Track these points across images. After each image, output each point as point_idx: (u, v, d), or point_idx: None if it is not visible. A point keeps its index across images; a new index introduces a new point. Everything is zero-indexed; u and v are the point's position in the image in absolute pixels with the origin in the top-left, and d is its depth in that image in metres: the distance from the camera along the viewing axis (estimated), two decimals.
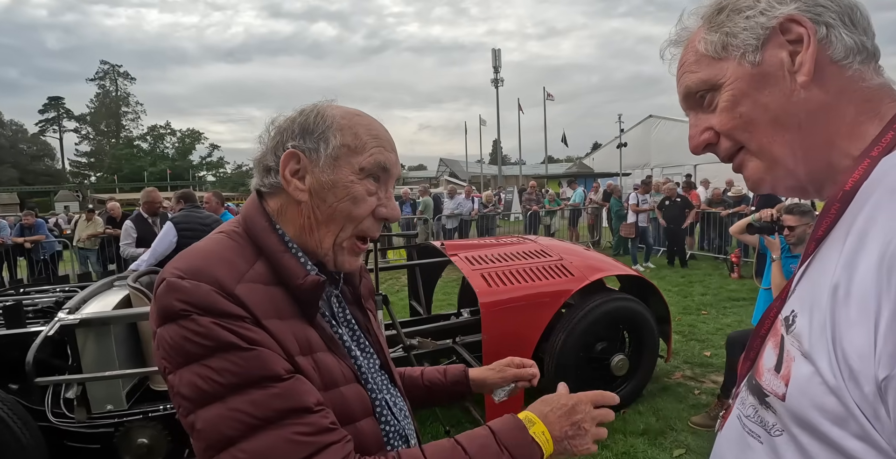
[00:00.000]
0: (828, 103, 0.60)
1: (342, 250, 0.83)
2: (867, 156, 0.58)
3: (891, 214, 0.51)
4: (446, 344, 3.57)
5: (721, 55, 0.64)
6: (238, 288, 0.71)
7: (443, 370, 1.13)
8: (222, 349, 0.67)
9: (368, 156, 0.80)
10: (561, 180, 22.95)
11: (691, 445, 3.09)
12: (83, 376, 2.46)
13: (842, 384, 0.50)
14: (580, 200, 13.34)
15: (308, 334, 0.77)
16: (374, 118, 0.85)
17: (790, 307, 0.60)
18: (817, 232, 0.61)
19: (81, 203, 16.76)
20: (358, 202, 0.80)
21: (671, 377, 4.12)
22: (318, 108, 0.82)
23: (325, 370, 0.76)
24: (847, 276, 0.52)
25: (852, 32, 0.60)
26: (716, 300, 6.70)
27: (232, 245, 0.78)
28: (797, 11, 0.60)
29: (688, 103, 0.70)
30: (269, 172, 0.82)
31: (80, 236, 9.08)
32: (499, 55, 31.41)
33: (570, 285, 3.34)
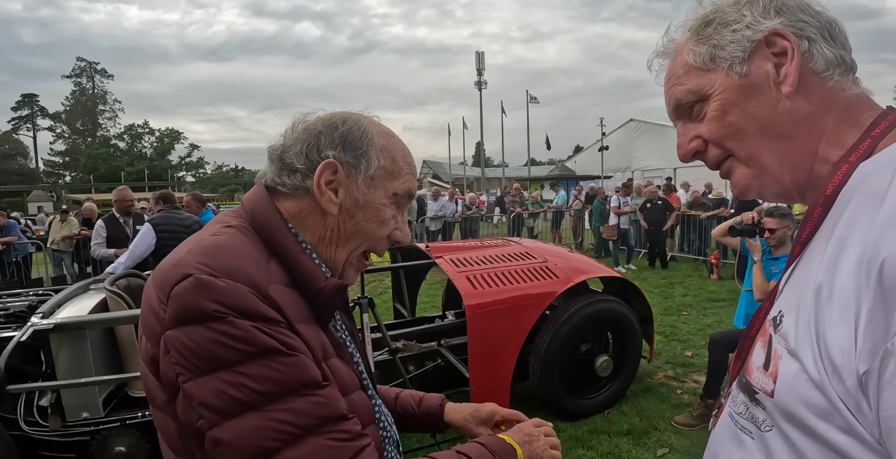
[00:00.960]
0: (811, 113, 0.63)
1: (351, 265, 0.83)
2: (846, 161, 0.61)
3: (869, 218, 0.53)
4: (431, 347, 3.56)
5: (709, 66, 0.66)
6: (270, 289, 0.68)
7: (418, 399, 1.08)
8: (263, 355, 0.63)
9: (402, 183, 0.81)
10: (543, 183, 23.11)
11: (675, 444, 3.12)
12: (57, 383, 2.38)
13: (826, 379, 0.52)
14: (563, 202, 13.45)
15: (322, 339, 0.75)
16: (404, 143, 0.86)
17: (778, 308, 0.63)
18: (802, 235, 0.64)
19: (56, 203, 16.35)
20: (383, 224, 0.81)
21: (654, 378, 4.17)
22: (359, 121, 0.80)
23: (338, 377, 0.74)
24: (829, 278, 0.54)
25: (832, 46, 0.64)
26: (696, 301, 6.80)
27: (248, 241, 0.73)
28: (781, 26, 0.63)
29: (677, 114, 0.73)
30: (295, 173, 0.78)
31: (55, 238, 8.86)
32: (482, 58, 31.54)
33: (554, 287, 3.36)
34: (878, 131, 0.61)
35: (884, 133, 0.61)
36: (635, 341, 3.65)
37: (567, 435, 3.25)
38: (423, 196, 13.30)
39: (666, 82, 0.73)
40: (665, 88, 0.74)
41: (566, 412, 3.44)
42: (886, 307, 0.47)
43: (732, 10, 0.66)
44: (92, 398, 2.47)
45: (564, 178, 23.63)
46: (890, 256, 0.48)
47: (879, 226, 0.51)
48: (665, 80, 0.74)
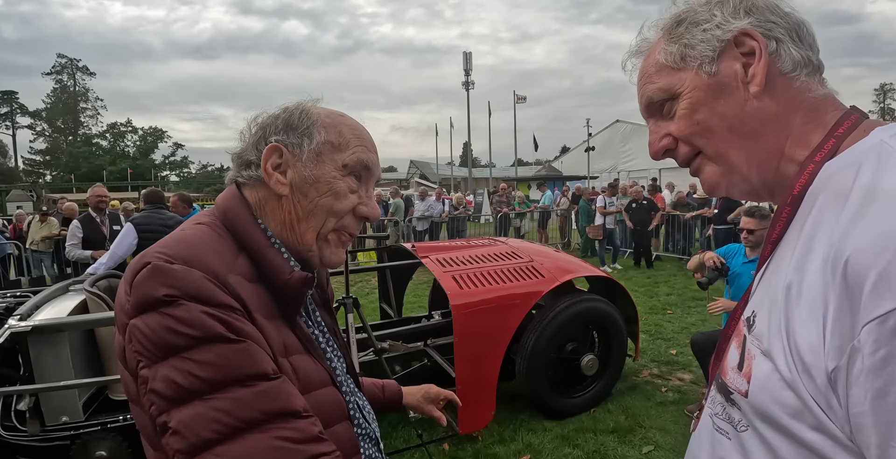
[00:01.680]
0: (777, 113, 0.64)
1: (327, 243, 0.82)
2: (812, 161, 0.62)
3: (834, 217, 0.54)
4: (417, 347, 3.55)
5: (680, 66, 0.67)
6: (230, 278, 0.69)
7: (380, 386, 1.17)
8: (208, 340, 0.62)
9: (351, 153, 0.80)
10: (530, 183, 23.20)
11: (660, 442, 3.14)
12: (36, 386, 2.33)
13: (797, 378, 0.53)
14: (549, 202, 13.51)
15: (285, 335, 0.75)
16: (355, 120, 0.86)
17: (751, 308, 0.64)
18: (772, 235, 0.65)
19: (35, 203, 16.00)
20: (340, 198, 0.79)
21: (639, 376, 4.20)
22: (302, 106, 0.82)
23: (302, 374, 0.74)
24: (798, 277, 0.55)
25: (799, 47, 0.65)
26: (680, 300, 6.87)
27: (216, 236, 0.75)
28: (750, 26, 0.64)
29: (648, 112, 0.74)
30: (250, 166, 0.81)
31: (34, 239, 8.68)
32: (470, 58, 31.57)
33: (540, 287, 3.37)
34: (842, 131, 0.62)
35: (847, 133, 0.62)
36: (620, 339, 3.68)
37: (553, 434, 3.26)
38: (411, 196, 13.28)
39: (638, 81, 0.74)
40: (637, 87, 0.75)
41: (552, 410, 3.46)
42: (851, 304, 0.48)
43: (703, 9, 0.67)
44: (72, 402, 2.42)
45: (551, 178, 23.75)
46: (853, 254, 0.49)
47: (843, 225, 0.52)
48: (638, 78, 0.75)
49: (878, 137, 0.58)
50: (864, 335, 0.47)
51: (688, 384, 4.03)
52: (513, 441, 3.18)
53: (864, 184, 0.53)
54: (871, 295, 0.46)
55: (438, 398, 1.21)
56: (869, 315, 0.46)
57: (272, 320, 0.73)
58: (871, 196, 0.52)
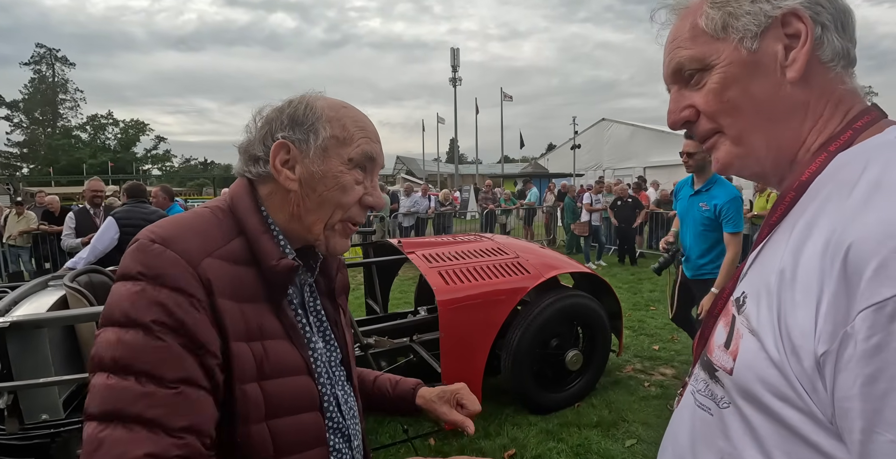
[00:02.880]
0: (808, 101, 0.62)
1: (334, 233, 0.84)
2: (825, 150, 0.61)
3: (838, 206, 0.54)
4: (403, 343, 3.55)
5: (720, 35, 0.63)
6: (205, 261, 0.72)
7: (394, 382, 1.10)
8: (138, 325, 0.67)
9: (356, 147, 0.82)
10: (517, 180, 23.28)
11: (643, 435, 3.19)
12: (14, 383, 2.29)
13: (784, 358, 0.53)
14: (535, 199, 13.57)
15: (264, 319, 0.77)
16: (359, 110, 0.87)
17: (741, 289, 0.64)
18: (771, 218, 0.65)
19: (12, 197, 15.65)
20: (346, 191, 0.82)
21: (622, 371, 4.26)
22: (306, 99, 0.83)
23: (274, 358, 0.76)
24: (793, 261, 0.55)
25: (842, 37, 0.62)
26: (663, 297, 6.95)
27: (212, 220, 0.79)
28: (801, 6, 0.61)
29: (674, 78, 0.70)
30: (258, 161, 0.83)
31: (11, 233, 8.49)
32: (457, 54, 31.50)
33: (526, 283, 3.39)
34: (861, 124, 0.62)
35: (865, 126, 0.62)
36: (605, 335, 3.72)
37: (538, 428, 3.29)
38: (397, 192, 13.24)
39: (669, 43, 0.69)
40: (666, 49, 0.70)
41: (537, 405, 3.49)
42: (849, 290, 0.48)
43: None
44: (51, 399, 2.38)
45: (537, 175, 23.84)
46: (856, 241, 0.49)
47: (848, 213, 0.52)
48: (668, 39, 0.70)
49: (893, 134, 0.59)
50: (858, 321, 0.47)
51: (670, 379, 4.09)
52: (498, 435, 3.21)
53: (872, 176, 0.54)
54: (870, 282, 0.47)
55: (455, 399, 1.03)
56: (866, 302, 0.47)
57: (253, 303, 0.76)
58: (877, 188, 0.52)
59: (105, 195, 5.51)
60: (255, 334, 0.75)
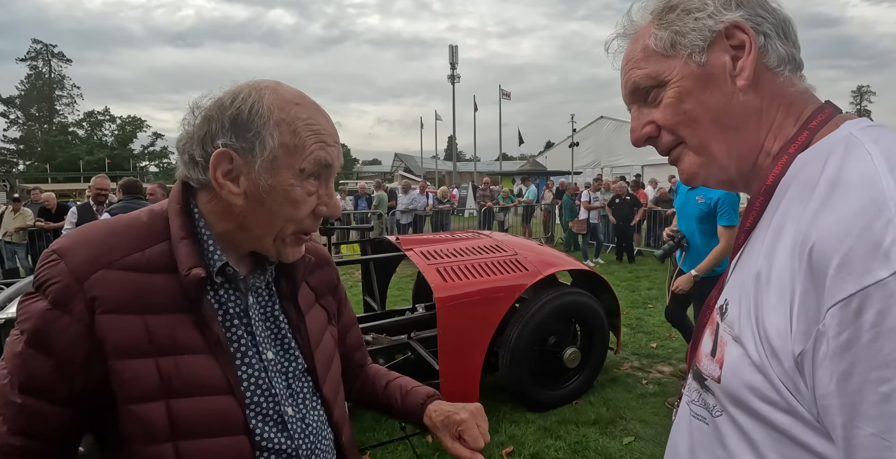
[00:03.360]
0: (760, 107, 0.65)
1: (285, 244, 0.78)
2: (785, 153, 0.64)
3: (801, 206, 0.56)
4: (401, 340, 3.54)
5: (669, 53, 0.67)
6: (99, 273, 0.68)
7: (404, 393, 1.01)
8: (19, 331, 0.69)
9: (309, 155, 0.73)
10: (515, 177, 23.28)
11: (640, 433, 3.19)
12: None
13: (766, 362, 0.55)
14: (534, 197, 13.57)
15: (179, 332, 0.71)
16: (315, 105, 0.78)
17: (724, 296, 0.65)
18: (745, 224, 0.67)
19: (9, 193, 15.58)
20: (298, 205, 0.75)
21: (620, 369, 4.25)
22: (252, 96, 0.73)
23: (186, 375, 0.70)
24: (767, 264, 0.57)
25: (785, 44, 0.66)
26: (661, 295, 6.95)
27: (138, 225, 0.75)
28: (741, 19, 0.64)
29: (632, 98, 0.73)
30: (197, 165, 0.74)
31: (8, 229, 8.45)
32: (456, 52, 31.45)
33: (524, 280, 3.38)
34: (815, 124, 0.64)
35: (820, 125, 0.64)
36: (602, 333, 3.72)
37: (536, 426, 3.29)
38: (395, 189, 13.22)
39: (624, 65, 0.73)
40: (622, 71, 0.73)
41: (535, 402, 3.48)
42: (817, 289, 0.49)
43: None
44: None
45: (535, 173, 23.84)
46: (819, 241, 0.50)
47: (810, 213, 0.54)
48: (623, 62, 0.73)
49: (847, 130, 0.60)
50: (828, 318, 0.48)
51: (668, 377, 4.09)
52: (496, 433, 3.20)
53: (830, 174, 0.55)
54: (834, 279, 0.48)
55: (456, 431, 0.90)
56: (833, 299, 0.48)
57: (166, 314, 0.71)
58: (835, 186, 0.53)
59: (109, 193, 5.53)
60: (165, 348, 0.70)
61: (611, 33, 0.76)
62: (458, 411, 0.93)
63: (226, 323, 0.77)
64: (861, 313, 0.46)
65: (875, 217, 0.48)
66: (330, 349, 0.92)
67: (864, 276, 0.46)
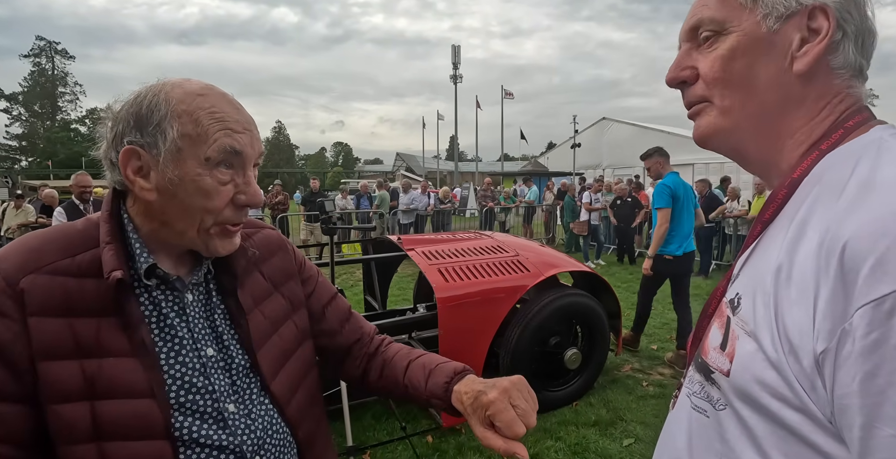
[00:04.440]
0: (804, 98, 0.63)
1: (210, 237, 0.77)
2: (817, 149, 0.62)
3: (830, 205, 0.55)
4: (402, 339, 3.55)
5: (748, 5, 0.64)
6: (27, 279, 0.70)
7: (427, 374, 0.90)
8: None
9: (213, 143, 0.72)
10: (516, 178, 23.27)
11: (640, 435, 3.19)
12: None
13: (783, 358, 0.54)
14: (535, 197, 13.56)
15: (105, 335, 0.72)
16: (222, 94, 0.77)
17: (735, 290, 0.64)
18: (764, 215, 0.65)
19: (11, 190, 15.59)
20: (210, 195, 0.74)
21: (621, 370, 4.26)
22: (153, 91, 0.73)
23: (108, 378, 0.70)
24: (789, 260, 0.56)
25: (858, 52, 0.63)
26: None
27: (73, 233, 0.77)
28: (833, 5, 0.61)
29: (689, 35, 0.69)
30: (115, 168, 0.75)
31: (9, 226, 8.46)
32: (458, 52, 31.44)
33: (525, 281, 3.38)
34: (851, 124, 0.63)
35: (856, 126, 0.62)
36: (603, 334, 3.72)
37: (536, 427, 3.26)
38: (396, 189, 13.22)
39: None
40: (694, 5, 0.70)
41: None
42: (846, 288, 0.49)
43: None
44: None
45: (537, 174, 23.83)
46: (852, 239, 0.49)
47: (840, 212, 0.53)
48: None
49: (878, 134, 0.60)
50: (857, 317, 0.47)
51: (668, 379, 4.09)
52: None
53: (861, 175, 0.55)
54: (868, 279, 0.47)
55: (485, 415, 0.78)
56: (864, 299, 0.47)
57: (92, 317, 0.72)
58: (868, 186, 0.53)
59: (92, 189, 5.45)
60: (91, 350, 0.71)
61: None
62: (488, 389, 0.78)
63: (160, 323, 0.77)
64: (893, 314, 0.45)
65: None
66: (291, 341, 0.90)
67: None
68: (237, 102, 0.78)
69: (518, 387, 0.79)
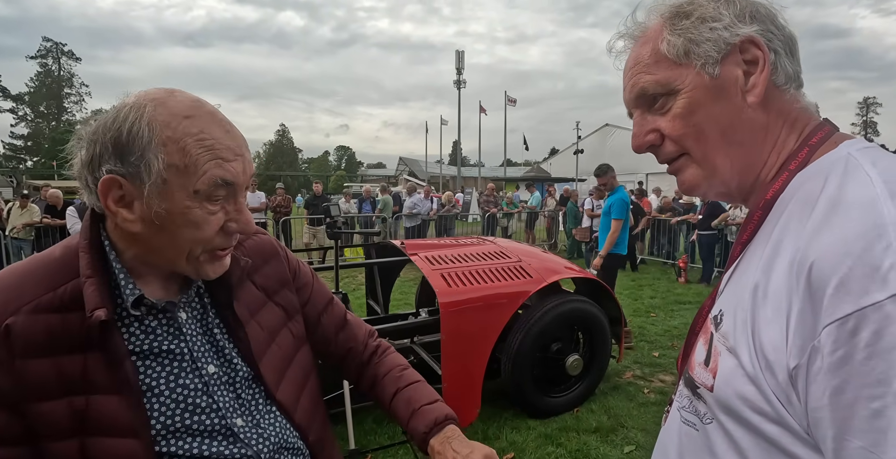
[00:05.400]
0: (767, 124, 0.65)
1: (200, 263, 0.75)
2: (786, 169, 0.64)
3: (801, 224, 0.57)
4: (404, 344, 3.56)
5: (682, 61, 0.65)
6: (12, 319, 0.67)
7: (410, 412, 0.95)
8: None
9: (202, 175, 0.68)
10: (519, 183, 23.29)
11: (641, 442, 3.19)
12: None
13: (760, 373, 0.56)
14: (537, 203, 13.57)
15: (89, 370, 0.69)
16: (211, 114, 0.71)
17: (718, 307, 0.66)
18: (742, 236, 0.67)
19: (16, 189, 15.69)
20: (200, 226, 0.70)
21: (622, 377, 4.25)
22: (132, 113, 0.67)
23: (95, 415, 0.69)
24: (765, 279, 0.58)
25: (791, 62, 0.66)
26: (664, 303, 6.96)
27: (50, 263, 0.73)
28: (756, 34, 0.63)
29: (637, 103, 0.71)
30: (92, 192, 0.70)
31: (15, 225, 8.51)
32: (462, 57, 31.54)
33: (528, 287, 3.39)
34: (815, 141, 0.65)
35: (820, 143, 0.64)
36: (605, 341, 3.72)
37: (537, 433, 3.29)
38: (399, 193, 13.26)
39: (630, 68, 0.71)
40: (628, 74, 0.71)
41: (536, 409, 3.49)
42: (814, 306, 0.51)
43: (710, 6, 0.65)
44: None
45: (539, 179, 23.85)
46: (818, 259, 0.51)
47: (809, 232, 0.55)
48: (629, 65, 0.71)
49: (846, 150, 0.61)
50: (824, 335, 0.49)
51: (669, 386, 4.09)
52: (497, 439, 3.21)
53: (829, 194, 0.56)
54: (832, 299, 0.49)
55: None
56: (830, 318, 0.49)
57: (79, 353, 0.69)
58: (835, 206, 0.54)
59: None
60: (77, 387, 0.68)
61: (615, 32, 0.73)
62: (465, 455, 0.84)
63: (154, 350, 0.74)
64: (857, 332, 0.47)
65: (875, 240, 0.49)
66: (289, 348, 0.90)
67: (862, 297, 0.47)
68: (227, 122, 0.73)
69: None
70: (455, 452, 0.86)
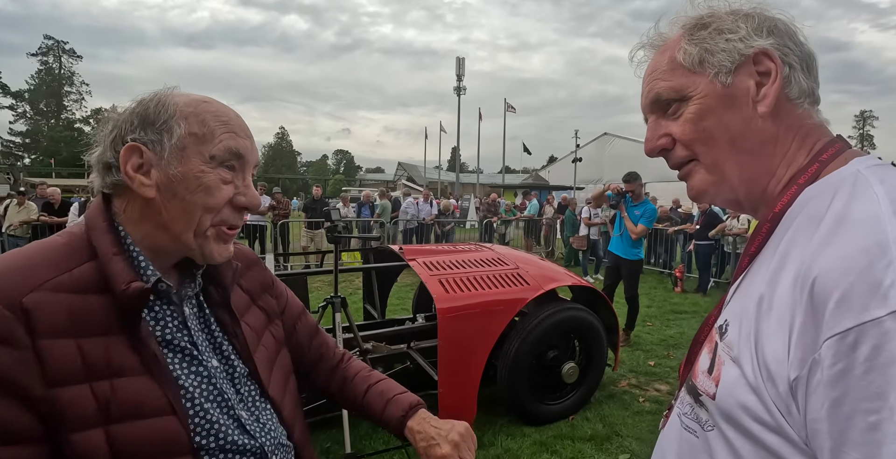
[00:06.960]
0: (777, 135, 0.67)
1: (207, 240, 0.77)
2: (795, 183, 0.66)
3: (807, 238, 0.58)
4: (401, 349, 3.57)
5: (696, 69, 0.68)
6: (29, 297, 0.65)
7: (385, 402, 1.00)
8: None
9: (218, 143, 0.75)
10: (517, 191, 23.36)
11: (636, 450, 3.20)
12: None
13: (761, 384, 0.57)
14: (535, 211, 13.61)
15: (114, 354, 0.68)
16: (224, 105, 0.79)
17: (724, 317, 0.67)
18: (750, 248, 0.69)
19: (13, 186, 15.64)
20: (212, 192, 0.74)
21: (617, 385, 4.26)
22: (158, 96, 0.76)
23: (123, 399, 0.68)
24: (770, 291, 0.59)
25: (807, 78, 0.67)
26: (660, 312, 6.97)
27: (59, 247, 0.72)
28: (771, 47, 0.66)
29: (652, 108, 0.74)
30: (111, 169, 0.74)
31: (12, 223, 8.48)
32: (462, 64, 31.71)
33: (525, 294, 3.40)
34: (826, 157, 0.66)
35: (830, 159, 0.66)
36: (601, 349, 3.73)
37: (532, 440, 3.29)
38: (398, 198, 13.27)
39: (647, 75, 0.74)
40: (645, 80, 0.74)
41: (532, 416, 3.49)
42: (815, 320, 0.52)
43: (729, 19, 0.67)
44: None
45: (538, 187, 23.91)
46: (821, 274, 0.53)
47: (814, 246, 0.56)
48: (647, 72, 0.74)
49: (856, 167, 0.63)
50: (824, 349, 0.51)
51: (664, 395, 4.10)
52: (492, 445, 3.21)
53: (836, 210, 0.58)
54: (833, 313, 0.51)
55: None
56: (830, 331, 0.51)
57: (100, 336, 0.68)
58: (841, 222, 0.56)
59: None
60: (100, 372, 0.67)
61: (637, 41, 0.76)
62: (441, 441, 0.90)
63: (167, 337, 0.76)
64: (856, 347, 0.49)
65: (878, 258, 0.50)
66: (272, 349, 0.93)
67: (862, 313, 0.49)
68: (238, 114, 0.81)
69: (465, 439, 0.92)
70: (436, 427, 0.93)
